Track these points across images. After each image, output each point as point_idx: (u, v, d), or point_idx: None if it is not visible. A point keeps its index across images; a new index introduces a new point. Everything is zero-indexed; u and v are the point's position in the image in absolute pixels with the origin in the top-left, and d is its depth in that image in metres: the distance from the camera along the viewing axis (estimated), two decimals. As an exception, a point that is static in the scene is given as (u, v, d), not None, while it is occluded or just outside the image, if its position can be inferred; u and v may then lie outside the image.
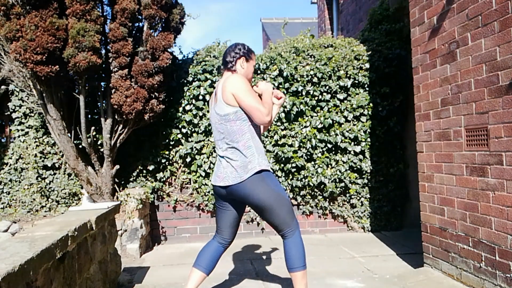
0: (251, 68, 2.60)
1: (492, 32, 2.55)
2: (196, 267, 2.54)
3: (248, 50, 2.60)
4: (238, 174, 2.36)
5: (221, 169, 2.46)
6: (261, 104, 2.36)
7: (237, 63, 2.55)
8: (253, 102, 2.33)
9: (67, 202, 4.62)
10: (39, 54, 3.59)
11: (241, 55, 2.55)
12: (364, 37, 5.14)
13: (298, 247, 2.42)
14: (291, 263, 2.42)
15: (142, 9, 3.90)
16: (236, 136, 2.39)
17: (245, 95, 2.34)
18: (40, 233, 2.00)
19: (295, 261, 2.41)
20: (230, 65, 2.54)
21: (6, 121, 4.85)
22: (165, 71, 4.14)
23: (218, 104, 2.42)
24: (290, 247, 2.43)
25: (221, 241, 2.61)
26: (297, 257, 2.41)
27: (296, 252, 2.42)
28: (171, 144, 4.62)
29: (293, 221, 2.43)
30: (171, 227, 4.70)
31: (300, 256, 2.42)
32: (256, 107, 2.32)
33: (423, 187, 3.30)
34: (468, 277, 2.81)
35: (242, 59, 2.55)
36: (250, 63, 2.60)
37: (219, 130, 2.45)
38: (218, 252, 2.60)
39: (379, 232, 4.80)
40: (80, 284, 2.22)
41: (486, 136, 2.62)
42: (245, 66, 2.56)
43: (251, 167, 2.35)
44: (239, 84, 2.37)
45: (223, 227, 2.59)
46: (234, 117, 2.38)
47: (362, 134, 4.72)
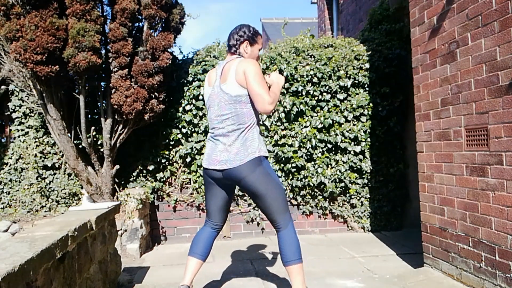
0: (255, 52, 2.53)
1: (492, 32, 2.55)
2: (192, 255, 2.54)
3: (253, 33, 2.52)
4: (238, 157, 2.34)
5: (216, 152, 2.42)
6: (267, 92, 2.31)
7: (241, 47, 2.49)
8: (261, 88, 2.29)
9: (67, 202, 4.62)
10: (39, 54, 3.59)
11: (245, 38, 2.48)
12: (364, 37, 5.14)
13: (292, 239, 2.38)
14: (286, 255, 2.37)
15: (142, 9, 3.90)
16: (244, 118, 2.37)
17: (255, 79, 2.30)
18: (40, 233, 2.00)
19: (289, 254, 2.37)
20: (234, 49, 2.49)
21: (6, 121, 4.84)
22: (165, 71, 4.14)
23: (229, 84, 2.37)
24: (284, 239, 2.39)
25: (213, 226, 2.60)
26: (292, 250, 2.37)
27: (290, 245, 2.37)
28: (171, 144, 4.62)
29: (286, 212, 2.41)
30: (171, 227, 4.70)
31: (294, 249, 2.37)
32: (262, 94, 2.27)
33: (423, 187, 3.30)
34: (468, 277, 2.81)
35: (246, 43, 2.49)
36: (255, 47, 2.52)
37: (223, 111, 2.40)
38: (212, 237, 2.59)
39: (379, 232, 4.80)
40: (80, 284, 2.22)
41: (486, 136, 2.62)
42: (248, 51, 2.50)
43: (251, 151, 2.35)
44: (253, 67, 2.33)
45: (214, 211, 2.57)
46: (245, 99, 2.36)
47: (362, 134, 4.72)
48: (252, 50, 2.51)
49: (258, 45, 2.53)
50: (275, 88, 2.40)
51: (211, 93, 2.50)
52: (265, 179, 2.35)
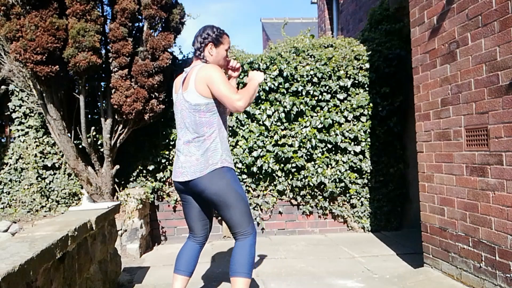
0: (222, 53, 2.43)
1: (492, 32, 2.55)
2: (176, 273, 2.45)
3: (218, 33, 2.40)
4: (198, 168, 2.26)
5: (179, 164, 2.36)
6: (233, 91, 2.22)
7: (205, 50, 2.39)
8: (225, 89, 2.20)
9: (67, 202, 4.62)
10: (39, 54, 3.59)
11: (209, 40, 2.38)
12: (364, 37, 5.14)
13: (245, 252, 2.30)
14: (233, 266, 2.29)
15: (142, 9, 3.90)
16: (203, 128, 2.29)
17: (218, 84, 2.22)
18: (40, 233, 2.00)
19: (237, 265, 2.28)
20: (198, 52, 2.40)
21: (6, 121, 4.84)
22: (165, 71, 4.14)
23: (189, 92, 2.29)
24: (238, 249, 2.32)
25: (193, 239, 2.51)
26: (241, 262, 2.28)
27: (241, 256, 2.29)
28: (171, 144, 4.61)
29: (248, 225, 2.33)
30: (171, 227, 4.70)
31: (245, 262, 2.28)
32: (227, 94, 2.20)
33: (423, 187, 3.30)
34: (468, 277, 2.81)
35: (210, 45, 2.38)
36: (221, 47, 2.42)
37: (184, 119, 2.33)
38: (193, 250, 2.50)
39: (379, 232, 4.80)
40: (80, 284, 2.22)
41: (486, 136, 2.62)
42: (213, 53, 2.40)
43: (212, 162, 2.26)
44: (213, 74, 2.24)
45: (191, 223, 2.49)
46: (205, 108, 2.28)
47: (362, 134, 4.72)
48: (217, 52, 2.41)
49: (224, 45, 2.43)
50: (250, 85, 2.33)
51: (175, 100, 2.44)
52: (227, 191, 2.26)
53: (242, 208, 2.30)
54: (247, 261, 2.29)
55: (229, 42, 2.48)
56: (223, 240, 4.70)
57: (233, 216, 2.30)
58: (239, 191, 2.30)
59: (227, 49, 2.46)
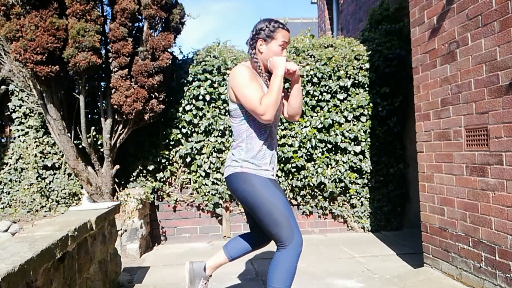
0: (276, 49, 2.14)
1: (492, 32, 2.55)
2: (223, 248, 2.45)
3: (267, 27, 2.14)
4: (225, 170, 2.23)
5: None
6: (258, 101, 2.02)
7: (256, 48, 2.17)
8: (250, 101, 2.02)
9: (67, 202, 4.62)
10: (39, 54, 3.59)
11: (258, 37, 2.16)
12: (364, 37, 5.14)
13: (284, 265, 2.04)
14: (269, 277, 2.08)
15: (142, 9, 3.90)
16: (235, 133, 2.21)
17: (242, 90, 2.05)
18: (40, 233, 2.00)
19: (271, 277, 2.06)
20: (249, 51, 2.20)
21: (6, 121, 4.84)
22: (165, 71, 4.14)
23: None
24: (276, 260, 2.08)
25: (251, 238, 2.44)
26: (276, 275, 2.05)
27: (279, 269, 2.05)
28: (171, 144, 4.62)
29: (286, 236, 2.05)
30: (171, 227, 4.70)
31: (279, 276, 2.03)
32: (253, 108, 2.02)
33: (423, 187, 3.30)
34: (468, 277, 2.81)
35: (261, 42, 2.16)
36: (272, 43, 2.15)
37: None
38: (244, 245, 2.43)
39: (379, 232, 4.80)
40: (80, 284, 2.22)
41: (486, 136, 2.62)
42: (263, 50, 2.16)
43: (234, 165, 2.17)
44: (236, 78, 2.08)
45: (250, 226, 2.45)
46: (234, 114, 2.18)
47: (362, 134, 4.72)
48: (270, 49, 2.14)
49: (277, 40, 2.14)
50: (271, 84, 2.06)
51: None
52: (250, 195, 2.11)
53: (272, 216, 2.06)
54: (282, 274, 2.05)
55: (284, 35, 2.15)
56: (223, 240, 4.70)
57: (264, 225, 2.11)
58: (269, 198, 2.08)
59: (282, 44, 2.15)
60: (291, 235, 2.06)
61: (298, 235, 2.08)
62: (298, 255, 2.08)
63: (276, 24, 2.16)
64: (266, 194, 2.09)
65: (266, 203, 2.08)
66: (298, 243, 2.07)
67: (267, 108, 2.01)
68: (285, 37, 2.16)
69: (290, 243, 2.06)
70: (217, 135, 4.61)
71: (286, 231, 2.06)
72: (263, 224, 2.10)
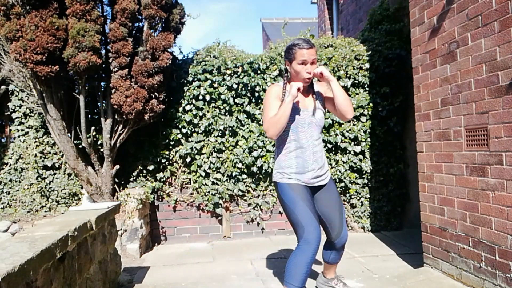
0: (297, 68, 2.38)
1: (492, 32, 2.55)
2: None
3: (288, 50, 2.41)
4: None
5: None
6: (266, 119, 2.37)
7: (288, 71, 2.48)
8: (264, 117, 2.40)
9: (67, 202, 4.62)
10: (39, 54, 3.59)
11: (285, 58, 2.46)
12: (364, 37, 5.14)
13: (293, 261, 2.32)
14: (285, 273, 2.36)
15: (142, 9, 3.90)
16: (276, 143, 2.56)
17: (263, 110, 2.44)
18: (40, 233, 2.00)
19: (286, 273, 2.35)
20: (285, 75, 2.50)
21: (6, 121, 4.84)
22: (165, 71, 4.14)
23: None
24: (290, 257, 2.38)
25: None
26: (289, 269, 2.33)
27: (290, 265, 2.34)
28: (171, 144, 4.62)
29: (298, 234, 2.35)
30: (171, 227, 4.70)
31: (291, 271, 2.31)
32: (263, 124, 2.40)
33: (423, 187, 3.30)
34: (468, 277, 2.81)
35: (287, 64, 2.45)
36: (294, 63, 2.39)
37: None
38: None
39: (379, 232, 4.80)
40: (80, 284, 2.22)
41: (486, 136, 2.62)
42: (292, 70, 2.42)
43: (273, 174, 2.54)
44: (264, 101, 2.46)
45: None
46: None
47: (362, 134, 4.72)
48: (293, 69, 2.41)
49: (296, 60, 2.37)
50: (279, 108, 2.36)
51: None
52: (280, 202, 2.49)
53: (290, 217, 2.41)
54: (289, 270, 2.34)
55: (303, 54, 2.36)
56: (223, 240, 4.70)
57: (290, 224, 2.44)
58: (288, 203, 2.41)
59: (301, 62, 2.37)
60: (301, 233, 2.33)
61: (308, 233, 2.30)
62: (311, 252, 2.28)
63: (295, 46, 2.37)
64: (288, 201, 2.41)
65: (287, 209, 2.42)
66: (308, 241, 2.29)
67: (268, 126, 2.34)
68: (303, 56, 2.35)
69: (300, 240, 2.33)
70: (217, 135, 4.61)
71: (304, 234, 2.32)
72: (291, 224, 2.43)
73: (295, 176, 2.43)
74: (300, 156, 2.43)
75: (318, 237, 2.30)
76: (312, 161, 2.44)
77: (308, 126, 2.45)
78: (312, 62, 2.38)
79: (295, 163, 2.43)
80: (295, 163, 2.43)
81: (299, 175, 2.43)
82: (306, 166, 2.43)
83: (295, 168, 2.43)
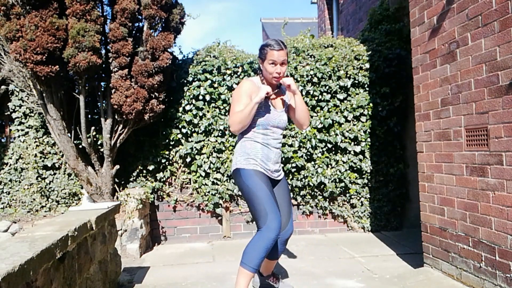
0: (267, 68, 2.51)
1: (492, 32, 2.55)
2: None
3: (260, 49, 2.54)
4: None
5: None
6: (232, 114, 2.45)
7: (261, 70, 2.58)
8: (230, 111, 2.49)
9: (67, 202, 4.62)
10: (39, 54, 3.59)
11: (258, 59, 2.57)
12: (364, 37, 5.14)
13: (252, 244, 2.39)
14: (243, 255, 2.41)
15: (142, 9, 3.90)
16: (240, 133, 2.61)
17: (232, 104, 2.50)
18: (40, 233, 2.00)
19: (244, 254, 2.40)
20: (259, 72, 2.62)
21: (6, 121, 4.84)
22: (165, 71, 4.14)
23: None
24: (251, 240, 2.44)
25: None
26: (246, 251, 2.39)
27: (248, 247, 2.40)
28: (171, 144, 4.62)
29: (260, 220, 2.41)
30: (171, 227, 4.70)
31: (249, 252, 2.38)
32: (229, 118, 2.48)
33: (423, 187, 3.30)
34: (468, 277, 2.81)
35: (260, 62, 2.57)
36: (265, 63, 2.51)
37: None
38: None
39: (379, 232, 4.80)
40: (80, 284, 2.22)
41: (486, 136, 2.62)
42: (262, 68, 2.55)
43: (233, 162, 2.59)
44: (233, 94, 2.55)
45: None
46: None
47: (362, 134, 4.72)
48: (264, 68, 2.53)
49: (267, 60, 2.49)
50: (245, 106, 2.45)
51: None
52: (242, 189, 2.51)
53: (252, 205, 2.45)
54: (250, 252, 2.38)
55: (273, 55, 2.47)
56: (223, 240, 4.70)
57: (250, 210, 2.50)
58: (252, 188, 2.45)
59: (272, 62, 2.48)
60: (267, 222, 2.38)
61: (271, 220, 2.37)
62: (271, 238, 2.36)
63: (267, 46, 2.48)
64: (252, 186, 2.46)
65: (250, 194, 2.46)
66: (270, 227, 2.37)
67: (233, 122, 2.45)
68: (272, 56, 2.46)
69: (262, 227, 2.39)
70: (217, 135, 4.61)
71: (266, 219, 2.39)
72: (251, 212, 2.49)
73: (261, 164, 2.53)
74: (265, 148, 2.56)
75: (279, 225, 2.40)
76: (274, 155, 2.59)
77: (277, 123, 2.59)
78: (282, 63, 2.49)
79: (261, 153, 2.54)
80: (261, 153, 2.54)
81: (264, 164, 2.54)
82: (269, 158, 2.56)
83: (260, 157, 2.53)
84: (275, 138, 2.61)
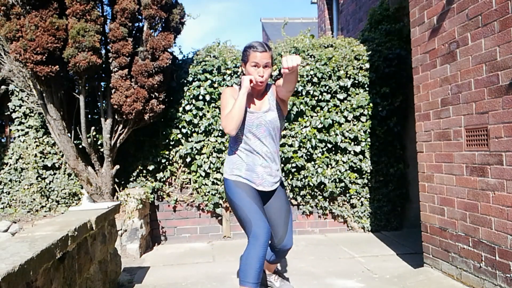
0: (250, 70, 2.41)
1: (492, 32, 2.55)
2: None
3: (243, 51, 2.46)
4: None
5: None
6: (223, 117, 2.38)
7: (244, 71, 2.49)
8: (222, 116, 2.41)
9: (67, 202, 4.62)
10: (39, 54, 3.59)
11: (241, 62, 2.49)
12: (364, 37, 5.14)
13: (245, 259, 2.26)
14: (239, 272, 2.33)
15: (142, 9, 3.90)
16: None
17: (221, 111, 2.44)
18: (40, 233, 2.00)
19: (240, 272, 2.29)
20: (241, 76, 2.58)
21: (6, 121, 4.84)
22: (165, 71, 4.14)
23: None
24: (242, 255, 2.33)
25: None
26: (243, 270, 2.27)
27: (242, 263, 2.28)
28: (171, 144, 4.62)
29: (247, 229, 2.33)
30: (171, 227, 4.70)
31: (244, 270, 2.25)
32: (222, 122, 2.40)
33: (423, 187, 3.30)
34: (468, 277, 2.81)
35: (242, 65, 2.49)
36: (247, 65, 2.43)
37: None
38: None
39: (379, 232, 4.80)
40: (80, 284, 2.22)
41: (486, 136, 2.62)
42: (245, 71, 2.45)
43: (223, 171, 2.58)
44: (221, 100, 2.48)
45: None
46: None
47: (362, 134, 4.72)
48: (246, 70, 2.44)
49: (249, 62, 2.40)
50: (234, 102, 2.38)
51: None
52: (227, 199, 2.49)
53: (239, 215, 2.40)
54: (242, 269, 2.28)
55: (255, 57, 2.38)
56: (223, 240, 4.70)
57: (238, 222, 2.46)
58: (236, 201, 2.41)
59: (254, 64, 2.39)
60: (253, 234, 2.29)
61: (257, 227, 2.28)
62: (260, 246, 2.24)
63: (249, 48, 2.41)
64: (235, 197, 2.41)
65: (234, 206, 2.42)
66: (256, 235, 2.27)
67: (226, 123, 2.35)
68: (255, 58, 2.38)
69: (250, 239, 2.30)
70: (217, 135, 4.61)
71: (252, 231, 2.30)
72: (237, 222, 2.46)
73: (245, 174, 2.45)
74: (250, 155, 2.46)
75: (266, 231, 2.28)
76: (263, 160, 2.46)
77: (256, 127, 2.44)
78: (265, 66, 2.39)
79: (246, 162, 2.46)
80: (246, 162, 2.46)
81: (249, 175, 2.45)
82: (256, 165, 2.45)
83: (245, 168, 2.45)
84: (261, 141, 2.45)
